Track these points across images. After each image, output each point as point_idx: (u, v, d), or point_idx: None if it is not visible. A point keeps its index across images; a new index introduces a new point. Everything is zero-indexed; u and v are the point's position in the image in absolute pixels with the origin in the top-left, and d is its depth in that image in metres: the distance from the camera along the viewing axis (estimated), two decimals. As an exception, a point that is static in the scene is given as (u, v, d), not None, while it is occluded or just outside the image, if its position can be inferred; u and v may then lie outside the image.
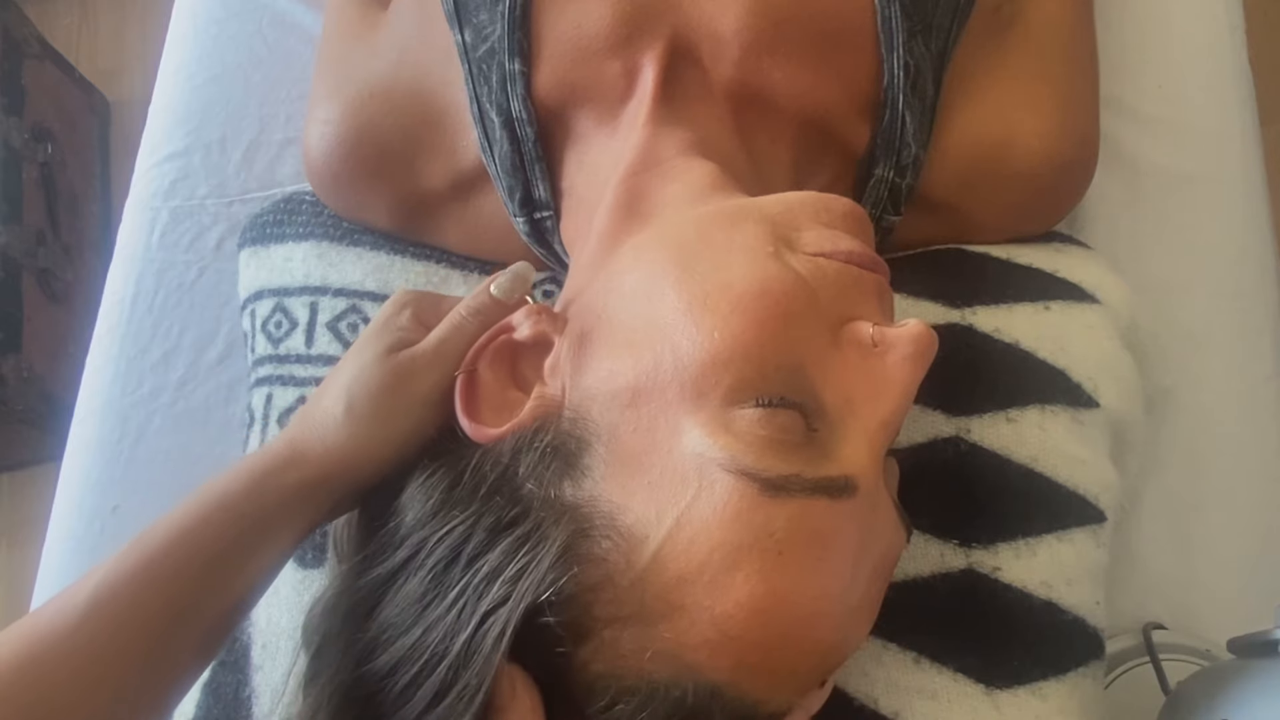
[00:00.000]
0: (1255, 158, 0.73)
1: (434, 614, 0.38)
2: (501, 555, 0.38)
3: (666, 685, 0.37)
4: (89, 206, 1.56)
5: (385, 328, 0.47)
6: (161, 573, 0.40)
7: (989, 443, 0.56)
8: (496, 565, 0.38)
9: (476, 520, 0.39)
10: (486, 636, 0.36)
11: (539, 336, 0.44)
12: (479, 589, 0.38)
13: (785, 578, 0.37)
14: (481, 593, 0.37)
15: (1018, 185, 0.60)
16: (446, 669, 0.37)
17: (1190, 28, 0.75)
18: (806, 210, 0.45)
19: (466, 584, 0.38)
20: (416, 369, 0.45)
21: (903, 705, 0.52)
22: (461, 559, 0.39)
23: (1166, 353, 0.67)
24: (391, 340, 0.46)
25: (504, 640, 0.36)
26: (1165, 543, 0.65)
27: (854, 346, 0.42)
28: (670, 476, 0.38)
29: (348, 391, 0.45)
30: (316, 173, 0.63)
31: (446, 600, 0.38)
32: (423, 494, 0.42)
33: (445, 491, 0.41)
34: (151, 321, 0.76)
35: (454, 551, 0.39)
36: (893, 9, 0.53)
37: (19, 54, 1.46)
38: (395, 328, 0.47)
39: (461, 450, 0.43)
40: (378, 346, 0.46)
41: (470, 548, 0.39)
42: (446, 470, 0.42)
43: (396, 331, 0.46)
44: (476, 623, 0.37)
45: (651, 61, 0.53)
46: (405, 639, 0.38)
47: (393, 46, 0.61)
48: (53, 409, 1.34)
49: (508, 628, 0.36)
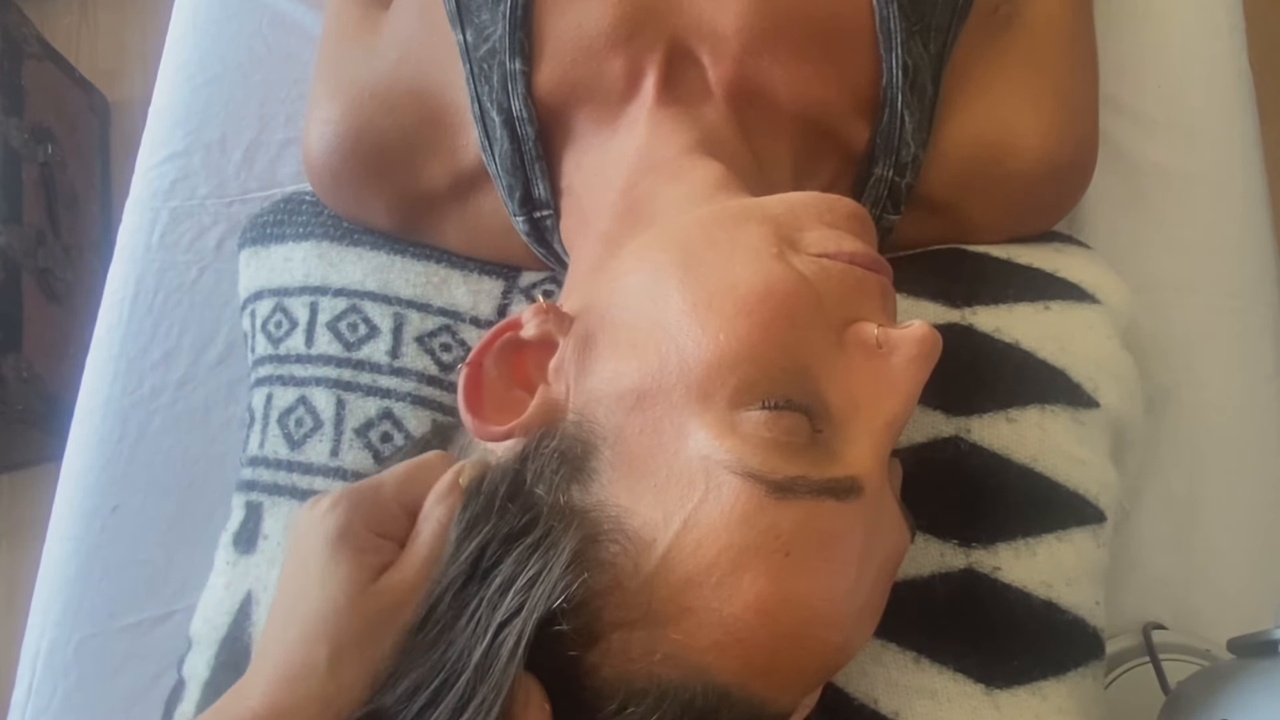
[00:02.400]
0: (1255, 158, 0.73)
1: (452, 631, 0.38)
2: (514, 564, 0.38)
3: (676, 687, 0.37)
4: (89, 206, 1.56)
5: (342, 550, 0.40)
6: None
7: (989, 442, 0.56)
8: (510, 575, 0.38)
9: (493, 533, 0.39)
10: (502, 648, 0.36)
11: (544, 336, 0.44)
12: (494, 601, 0.37)
13: (793, 579, 0.37)
14: (496, 604, 0.37)
15: (1017, 185, 0.60)
16: (465, 684, 0.36)
17: (1190, 28, 0.75)
18: (810, 211, 0.45)
19: (482, 598, 0.38)
20: (406, 599, 0.40)
21: (903, 705, 0.52)
22: (477, 574, 0.39)
23: (1166, 353, 0.67)
24: (359, 567, 0.40)
25: (519, 650, 0.36)
26: (1165, 543, 0.65)
27: (858, 348, 0.42)
28: (677, 479, 0.38)
29: (328, 638, 0.39)
30: (316, 172, 0.63)
31: (464, 616, 0.38)
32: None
33: (460, 509, 0.41)
34: (151, 321, 0.76)
35: (471, 567, 0.39)
36: (890, 9, 0.54)
37: (19, 54, 1.46)
38: (355, 548, 0.41)
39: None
40: (349, 578, 0.40)
41: (485, 561, 0.39)
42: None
43: (359, 554, 0.40)
44: (492, 635, 0.37)
45: (652, 61, 0.53)
46: (426, 657, 0.38)
47: (393, 47, 0.61)
48: (53, 409, 1.34)
49: (523, 638, 0.36)
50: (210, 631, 0.60)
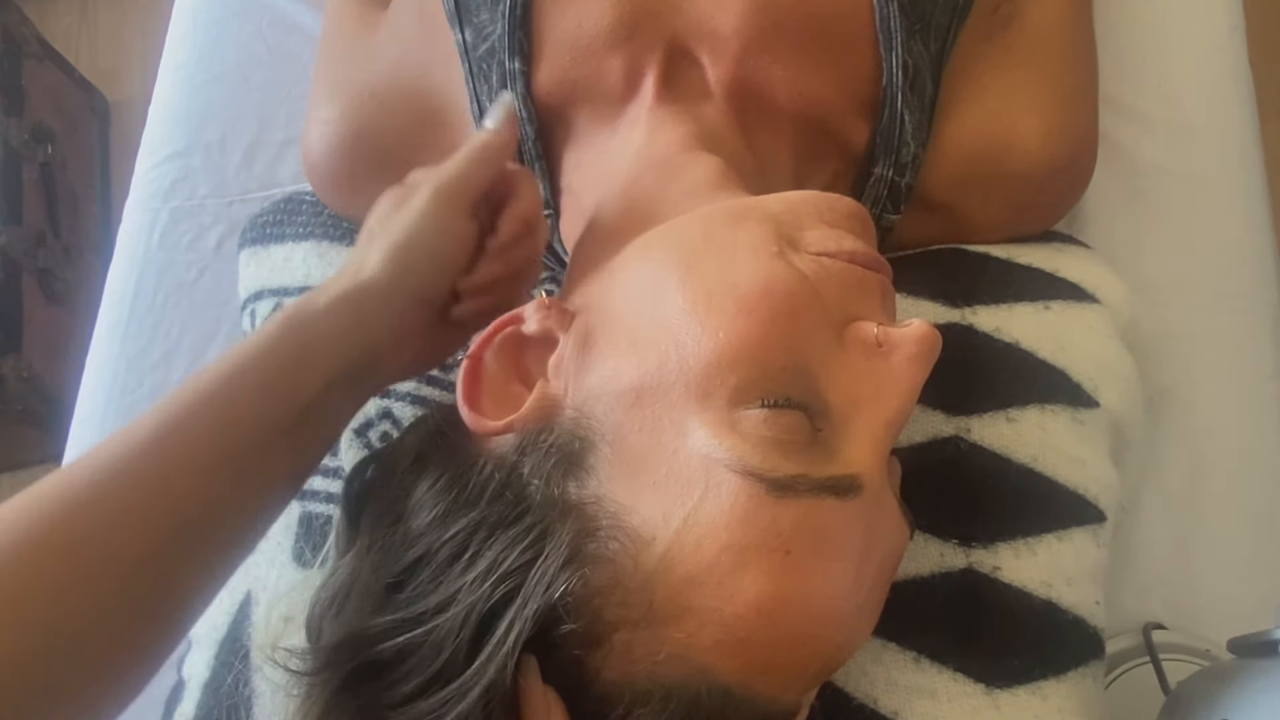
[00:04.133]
0: (1255, 158, 0.73)
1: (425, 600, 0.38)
2: (501, 551, 0.38)
3: (680, 688, 0.37)
4: (89, 206, 1.56)
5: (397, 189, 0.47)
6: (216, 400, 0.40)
7: (989, 442, 0.56)
8: (494, 561, 0.38)
9: (482, 519, 0.39)
10: (496, 634, 0.36)
11: (546, 332, 0.44)
12: (473, 586, 0.37)
13: (794, 578, 0.37)
14: (484, 579, 0.37)
15: (1016, 184, 0.60)
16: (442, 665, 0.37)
17: (1190, 27, 0.75)
18: (810, 210, 0.45)
19: (465, 581, 0.38)
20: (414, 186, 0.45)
21: (902, 704, 0.52)
22: (466, 555, 0.39)
23: (1166, 353, 0.67)
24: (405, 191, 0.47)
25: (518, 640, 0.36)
26: (1165, 543, 0.65)
27: (858, 347, 0.42)
28: (676, 477, 0.38)
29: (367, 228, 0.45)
30: (317, 172, 0.63)
31: (450, 592, 0.38)
32: (430, 499, 0.42)
33: (453, 495, 0.41)
34: (151, 321, 0.76)
35: (460, 548, 0.39)
36: (891, 8, 0.54)
37: (19, 54, 1.46)
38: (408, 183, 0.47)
39: (468, 455, 0.43)
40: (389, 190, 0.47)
41: (474, 544, 0.39)
42: (453, 475, 0.42)
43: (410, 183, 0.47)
44: (480, 612, 0.37)
45: (652, 61, 0.53)
46: (413, 631, 0.38)
47: (393, 46, 0.61)
48: (53, 409, 1.34)
49: (523, 628, 0.36)
50: (210, 631, 0.60)
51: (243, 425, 0.40)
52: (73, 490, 0.36)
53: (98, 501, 0.36)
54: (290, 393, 0.41)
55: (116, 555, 0.36)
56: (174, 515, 0.38)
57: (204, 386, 0.40)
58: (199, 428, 0.39)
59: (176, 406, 0.39)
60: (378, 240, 0.44)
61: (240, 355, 0.41)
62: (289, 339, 0.42)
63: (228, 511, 0.40)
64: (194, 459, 0.38)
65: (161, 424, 0.38)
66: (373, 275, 0.43)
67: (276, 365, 0.41)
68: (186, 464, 0.38)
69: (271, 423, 0.40)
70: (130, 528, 0.36)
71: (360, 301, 0.43)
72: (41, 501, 0.36)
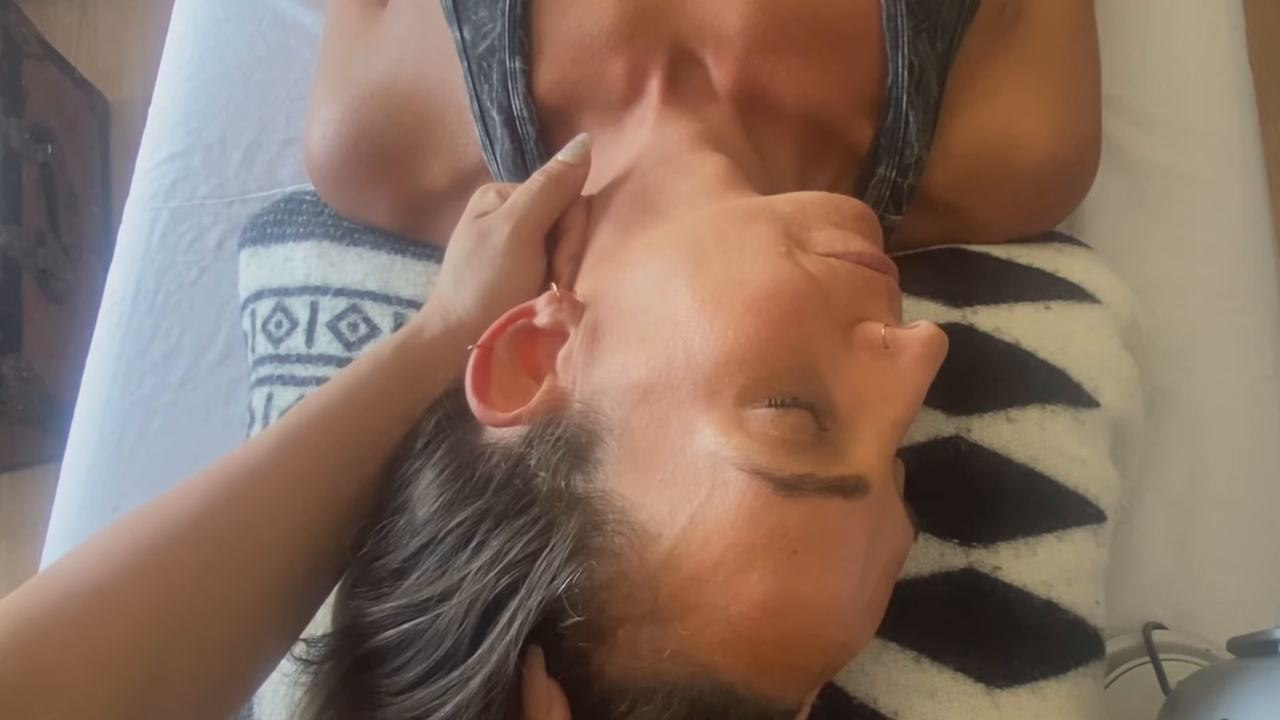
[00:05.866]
0: (1255, 158, 0.73)
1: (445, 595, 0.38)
2: (506, 541, 0.38)
3: (683, 686, 0.37)
4: (89, 207, 1.56)
5: (472, 209, 0.52)
6: (337, 413, 0.45)
7: (989, 442, 0.56)
8: (499, 551, 0.38)
9: (488, 508, 0.39)
10: (499, 623, 0.37)
11: (557, 325, 0.44)
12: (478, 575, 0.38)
13: (799, 578, 0.37)
14: (489, 568, 0.37)
15: (1020, 185, 0.60)
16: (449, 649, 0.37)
17: (1190, 28, 0.75)
18: (818, 210, 0.45)
19: (470, 569, 0.38)
20: (492, 225, 0.50)
21: (902, 704, 0.52)
22: (471, 544, 0.39)
23: (1166, 353, 0.67)
24: (475, 215, 0.52)
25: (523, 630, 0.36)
26: (1165, 543, 0.65)
27: (865, 347, 0.42)
28: (683, 474, 0.38)
29: (452, 267, 0.51)
30: (318, 172, 0.63)
31: (454, 580, 0.38)
32: (436, 488, 0.42)
33: (459, 484, 0.41)
34: (151, 321, 0.76)
35: (466, 537, 0.39)
36: (899, 7, 0.53)
37: (19, 54, 1.46)
38: (480, 208, 0.52)
39: (474, 446, 0.43)
40: (465, 221, 0.52)
41: (480, 534, 0.39)
42: (460, 464, 0.42)
43: (482, 208, 0.52)
44: (484, 601, 0.37)
45: (655, 61, 0.53)
46: (417, 618, 0.38)
47: (392, 45, 0.61)
48: (53, 409, 1.34)
49: (527, 617, 0.36)
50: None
51: (365, 438, 0.45)
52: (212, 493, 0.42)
53: (242, 496, 0.42)
54: (405, 413, 0.46)
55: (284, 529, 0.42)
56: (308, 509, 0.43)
57: (324, 404, 0.45)
58: (322, 440, 0.44)
59: (298, 420, 0.45)
60: (466, 283, 0.50)
61: (354, 376, 0.47)
62: (400, 365, 0.47)
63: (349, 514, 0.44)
64: (318, 464, 0.44)
65: (285, 436, 0.44)
66: (469, 315, 0.49)
67: (394, 386, 0.46)
68: (311, 469, 0.44)
69: (387, 440, 0.45)
70: (288, 505, 0.43)
71: (464, 340, 0.46)
72: None
